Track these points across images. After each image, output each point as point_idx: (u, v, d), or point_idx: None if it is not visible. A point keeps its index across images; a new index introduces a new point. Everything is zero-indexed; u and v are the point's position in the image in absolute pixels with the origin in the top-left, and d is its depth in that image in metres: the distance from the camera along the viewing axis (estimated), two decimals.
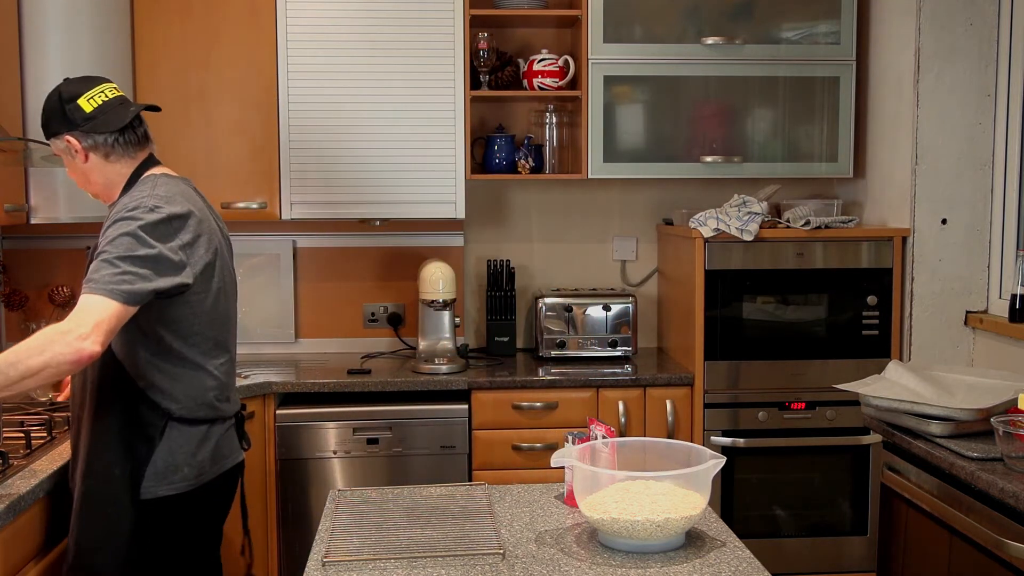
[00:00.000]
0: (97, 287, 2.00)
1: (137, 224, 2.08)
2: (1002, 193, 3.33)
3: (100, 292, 1.99)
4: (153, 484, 2.17)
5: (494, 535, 1.94)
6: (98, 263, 2.04)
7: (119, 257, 2.04)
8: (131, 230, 2.07)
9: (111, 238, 2.07)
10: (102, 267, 2.03)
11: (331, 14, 3.49)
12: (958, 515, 2.34)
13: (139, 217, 2.10)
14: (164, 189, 2.23)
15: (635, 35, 3.60)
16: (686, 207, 3.74)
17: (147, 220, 2.10)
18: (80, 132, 2.25)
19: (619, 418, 3.38)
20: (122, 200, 2.21)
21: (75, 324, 1.96)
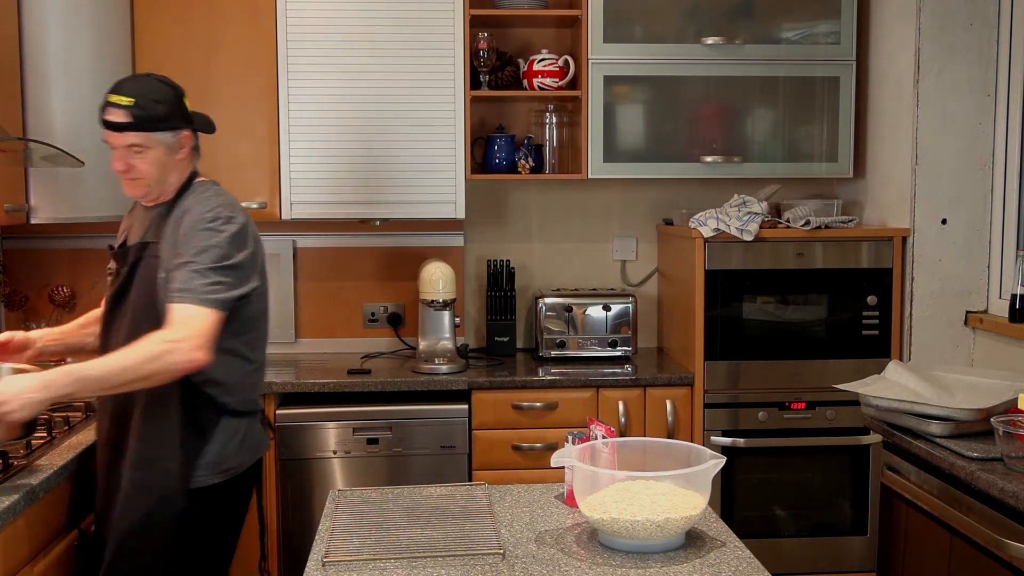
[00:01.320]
0: (195, 297, 2.15)
1: (222, 236, 2.23)
2: (1002, 193, 3.33)
3: (199, 302, 2.15)
4: (204, 474, 2.28)
5: (494, 535, 1.94)
6: (189, 273, 2.17)
7: (209, 268, 2.18)
8: (217, 241, 2.22)
9: (199, 248, 2.19)
10: (194, 277, 2.16)
11: (331, 14, 3.49)
12: (958, 515, 2.34)
13: (221, 229, 2.24)
14: (225, 198, 2.36)
15: (635, 35, 3.60)
16: (686, 207, 3.74)
17: (228, 231, 2.24)
18: (192, 129, 2.36)
19: (619, 418, 3.38)
20: (186, 205, 2.30)
21: (186, 334, 2.11)
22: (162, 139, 2.28)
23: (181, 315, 2.14)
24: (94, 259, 3.77)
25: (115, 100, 2.24)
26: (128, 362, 2.08)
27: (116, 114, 2.24)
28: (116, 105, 2.24)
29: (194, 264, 2.18)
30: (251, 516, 2.49)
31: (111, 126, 2.25)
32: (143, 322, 2.21)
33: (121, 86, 2.28)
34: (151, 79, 2.32)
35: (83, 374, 2.06)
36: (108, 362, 2.09)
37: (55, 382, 2.02)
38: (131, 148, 2.26)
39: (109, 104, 2.25)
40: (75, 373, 2.05)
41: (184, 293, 2.15)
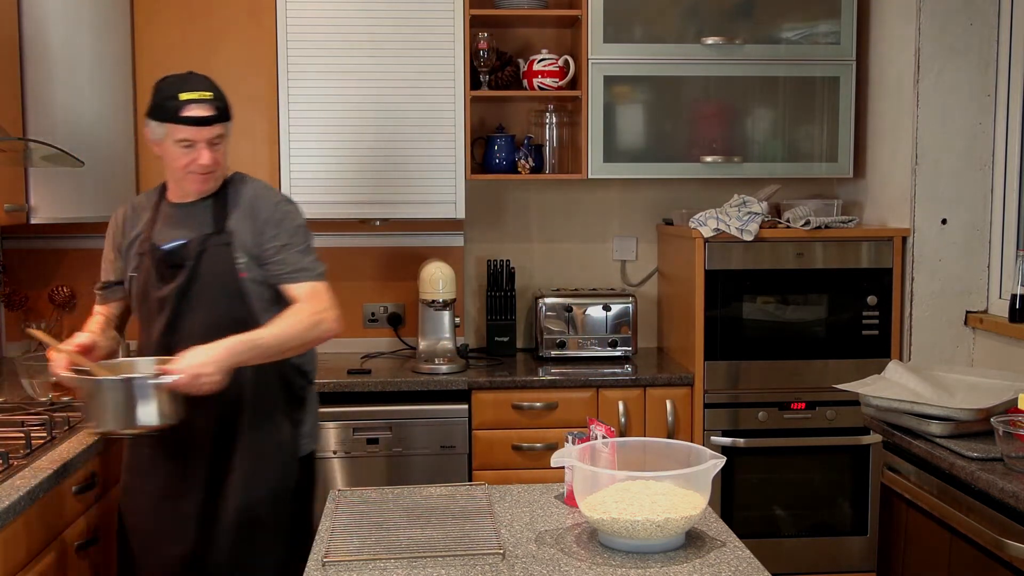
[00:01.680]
0: (311, 274, 2.39)
1: (300, 216, 2.45)
2: (1002, 193, 3.33)
3: (316, 278, 2.39)
4: (306, 442, 2.51)
5: (494, 535, 1.94)
6: (296, 254, 2.37)
7: (308, 246, 2.42)
8: (301, 222, 2.44)
9: (292, 230, 2.39)
10: (302, 256, 2.39)
11: (331, 14, 3.49)
12: (958, 515, 2.34)
13: (299, 210, 2.46)
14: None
15: (635, 35, 3.60)
16: (686, 207, 3.74)
17: (300, 211, 2.47)
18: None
19: (619, 418, 3.38)
20: (247, 192, 2.43)
21: (324, 306, 2.35)
22: (230, 126, 2.40)
23: (309, 291, 2.36)
24: (94, 259, 3.71)
25: (197, 96, 2.30)
26: (293, 330, 2.28)
27: (201, 108, 2.30)
28: (199, 101, 2.30)
29: (296, 245, 2.38)
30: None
31: (198, 121, 2.30)
32: (222, 308, 2.34)
33: (189, 82, 2.34)
34: (198, 75, 2.39)
35: (257, 342, 2.23)
36: (275, 331, 2.26)
37: (235, 348, 2.18)
38: (212, 140, 2.33)
39: (190, 101, 2.29)
40: (250, 341, 2.21)
41: (301, 272, 2.37)
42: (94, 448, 2.47)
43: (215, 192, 2.42)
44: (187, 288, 2.35)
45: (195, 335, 2.28)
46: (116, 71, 3.37)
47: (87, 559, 2.41)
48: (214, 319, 2.32)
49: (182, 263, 2.36)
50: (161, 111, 2.32)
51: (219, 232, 2.37)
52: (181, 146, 2.31)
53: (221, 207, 2.41)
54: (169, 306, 2.36)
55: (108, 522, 2.55)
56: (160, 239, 2.41)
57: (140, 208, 2.50)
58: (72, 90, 3.21)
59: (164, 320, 2.36)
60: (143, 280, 2.41)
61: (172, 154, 2.34)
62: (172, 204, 2.45)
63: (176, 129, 2.30)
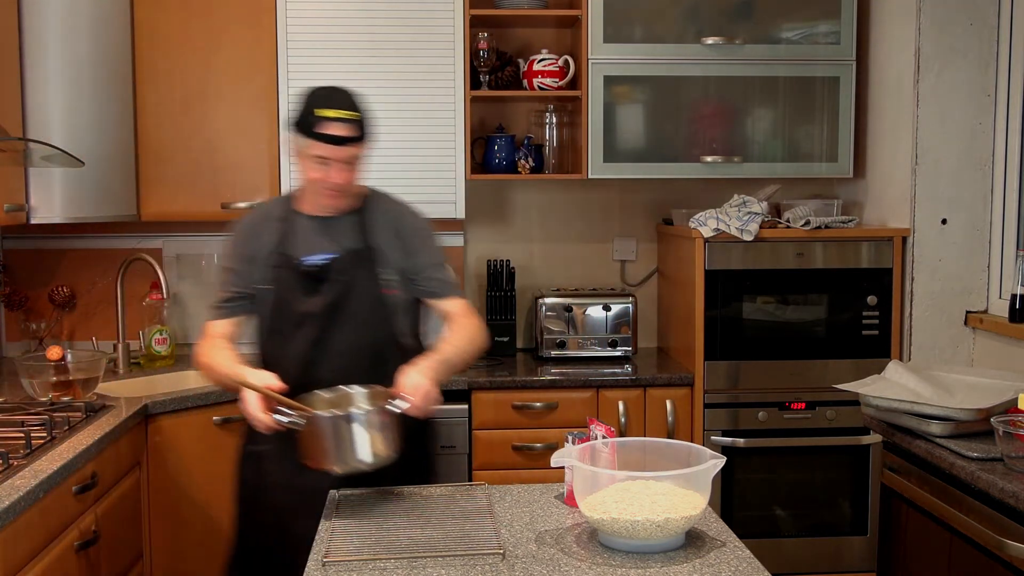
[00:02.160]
0: (458, 289, 2.49)
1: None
2: (1002, 193, 3.33)
3: (462, 295, 2.48)
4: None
5: (494, 535, 1.94)
6: (446, 271, 2.46)
7: (446, 262, 2.50)
8: (439, 241, 2.51)
9: (434, 247, 2.48)
10: (447, 272, 2.47)
11: (331, 14, 3.49)
12: (958, 515, 2.34)
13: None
14: None
15: (635, 35, 3.60)
16: (686, 207, 3.73)
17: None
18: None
19: (619, 418, 3.38)
20: (390, 209, 2.46)
21: (480, 320, 2.44)
22: (368, 148, 2.37)
23: (463, 306, 2.44)
24: (94, 259, 3.77)
25: (336, 115, 2.26)
26: (472, 346, 2.36)
27: (341, 128, 2.26)
28: (338, 120, 2.26)
29: (440, 261, 2.46)
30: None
31: (334, 140, 2.26)
32: (368, 325, 2.37)
33: (333, 99, 2.29)
34: (345, 91, 2.33)
35: (448, 359, 2.28)
36: (456, 348, 2.32)
37: (436, 368, 2.21)
38: (347, 160, 2.30)
39: (330, 119, 2.25)
40: (443, 360, 2.26)
41: (449, 288, 2.45)
42: (94, 448, 2.47)
43: (356, 207, 2.41)
44: (335, 304, 2.35)
45: (342, 352, 2.33)
46: (116, 71, 3.37)
47: (87, 559, 2.41)
48: (360, 336, 2.35)
49: (326, 278, 2.35)
50: (302, 125, 2.29)
51: (365, 248, 2.38)
52: (316, 161, 2.29)
53: (363, 223, 2.41)
54: (315, 322, 2.34)
55: (108, 522, 2.56)
56: (300, 252, 2.38)
57: (269, 217, 2.45)
58: (72, 90, 3.21)
59: (309, 336, 2.35)
60: (281, 294, 2.37)
61: (308, 167, 2.32)
62: (309, 217, 2.42)
63: (313, 145, 2.27)
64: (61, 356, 2.96)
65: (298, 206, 2.45)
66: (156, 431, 3.00)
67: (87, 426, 2.62)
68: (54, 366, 2.92)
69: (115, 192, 3.38)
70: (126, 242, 3.78)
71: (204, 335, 2.43)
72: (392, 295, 2.39)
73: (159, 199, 3.51)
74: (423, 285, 2.43)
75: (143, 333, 3.65)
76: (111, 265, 3.69)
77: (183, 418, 3.07)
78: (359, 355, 2.34)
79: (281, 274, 2.38)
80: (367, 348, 2.35)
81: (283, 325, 2.38)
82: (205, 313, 2.47)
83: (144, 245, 3.77)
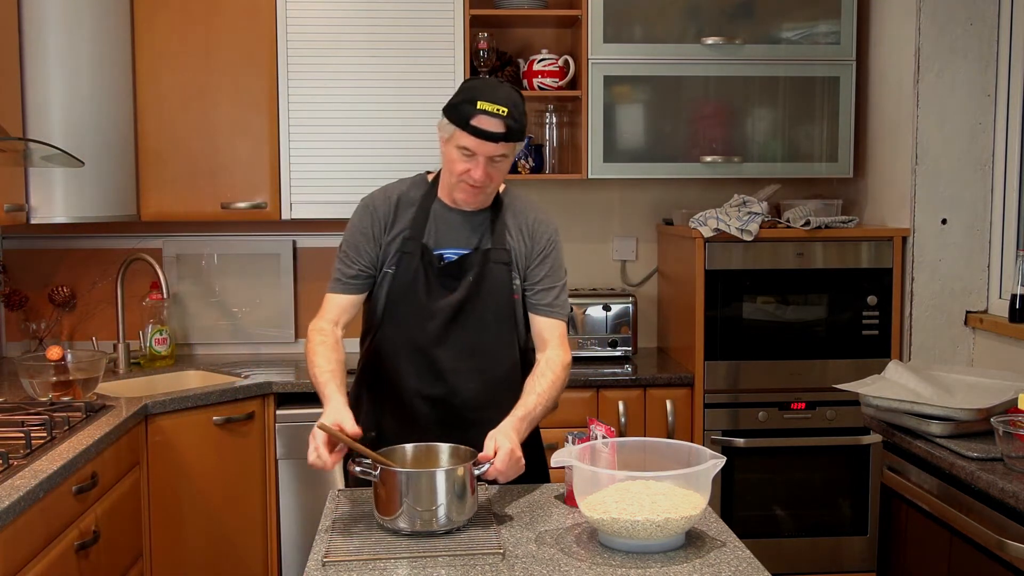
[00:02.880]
0: (565, 313, 2.35)
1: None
2: (1002, 193, 3.33)
3: (566, 318, 2.36)
4: None
5: (494, 535, 1.94)
6: (560, 289, 2.34)
7: (566, 284, 2.38)
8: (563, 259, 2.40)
9: (560, 264, 2.36)
10: (563, 292, 2.36)
11: (331, 14, 3.49)
12: (958, 515, 2.34)
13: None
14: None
15: (635, 35, 3.60)
16: (686, 207, 3.73)
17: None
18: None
19: (619, 418, 3.38)
20: (526, 211, 2.37)
21: (569, 353, 2.31)
22: (518, 147, 2.26)
23: (561, 333, 2.32)
24: (94, 259, 3.77)
25: (492, 109, 2.15)
26: (555, 393, 2.24)
27: (492, 123, 2.16)
28: (492, 114, 2.15)
29: (560, 279, 2.35)
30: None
31: (485, 135, 2.17)
32: (493, 328, 2.30)
33: (492, 92, 2.18)
34: (507, 86, 2.24)
35: (532, 416, 2.18)
36: (542, 400, 2.21)
37: (520, 428, 2.13)
38: (494, 157, 2.21)
39: (483, 112, 2.16)
40: (527, 418, 2.17)
41: (558, 310, 2.33)
42: (94, 448, 2.47)
43: (492, 205, 2.34)
44: (464, 302, 2.28)
45: (463, 351, 2.28)
46: (116, 71, 3.37)
47: (87, 559, 2.41)
48: (484, 338, 2.29)
49: (458, 275, 2.29)
50: (454, 112, 2.21)
51: (500, 248, 2.30)
52: (461, 152, 2.21)
53: (500, 220, 2.33)
54: (441, 317, 2.28)
55: (108, 522, 2.56)
56: (435, 243, 2.30)
57: (406, 202, 2.35)
58: (72, 90, 3.22)
59: (432, 330, 2.28)
60: (408, 282, 2.29)
61: (451, 156, 2.24)
62: (446, 207, 2.33)
63: (461, 135, 2.19)
64: (61, 356, 2.96)
65: (438, 193, 2.36)
66: (156, 431, 3.00)
67: (87, 426, 2.62)
68: (54, 366, 2.92)
69: (115, 192, 3.38)
70: (126, 242, 3.78)
71: (321, 310, 2.35)
72: (518, 300, 2.33)
73: (159, 199, 3.51)
74: (532, 298, 2.33)
75: (143, 333, 3.65)
76: (111, 265, 3.69)
77: (183, 418, 3.07)
78: (485, 359, 2.29)
79: (411, 262, 2.28)
80: (488, 352, 2.29)
81: (404, 315, 2.29)
82: (326, 285, 2.39)
83: (144, 245, 3.77)
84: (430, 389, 2.30)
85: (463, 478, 1.96)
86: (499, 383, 2.30)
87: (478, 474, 2.00)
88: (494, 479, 2.04)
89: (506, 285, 2.30)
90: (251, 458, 3.26)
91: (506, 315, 2.31)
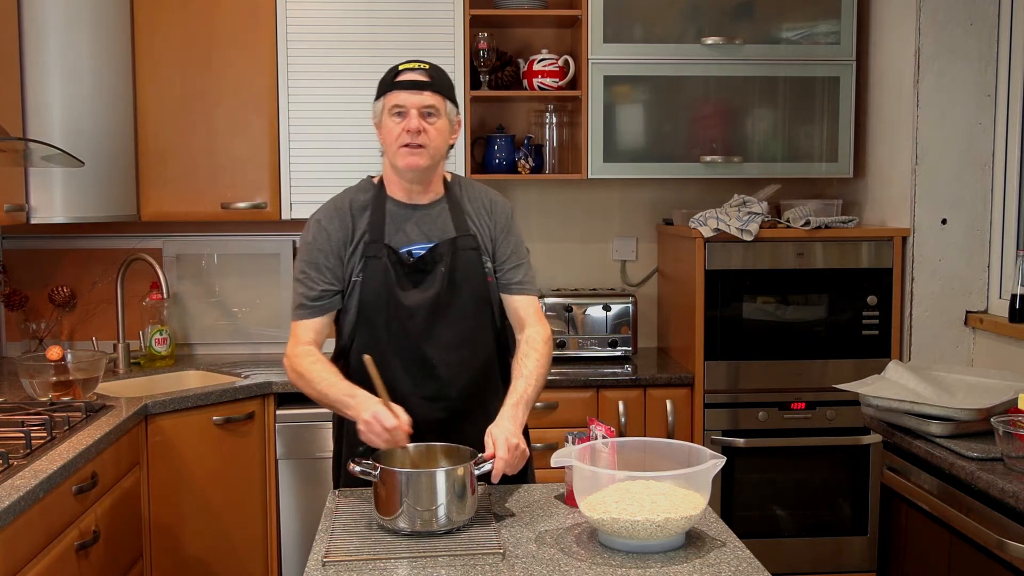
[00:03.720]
0: (535, 288, 2.39)
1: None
2: (1002, 193, 3.33)
3: (537, 292, 2.40)
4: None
5: (494, 535, 1.94)
6: (526, 264, 2.37)
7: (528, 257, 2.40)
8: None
9: (520, 239, 2.39)
10: (528, 267, 2.38)
11: (331, 14, 3.49)
12: (958, 515, 2.34)
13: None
14: None
15: (635, 35, 3.60)
16: (686, 207, 3.74)
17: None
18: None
19: (619, 418, 3.38)
20: (482, 195, 2.38)
21: (548, 326, 2.35)
22: (449, 110, 2.27)
23: (536, 307, 2.36)
24: (94, 259, 3.77)
25: (411, 65, 2.26)
26: (542, 371, 2.26)
27: (414, 75, 2.23)
28: (412, 69, 2.24)
29: (524, 255, 2.38)
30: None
31: (409, 85, 2.22)
32: (473, 317, 2.31)
33: (410, 61, 2.29)
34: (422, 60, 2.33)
35: (526, 400, 2.19)
36: (532, 381, 2.22)
37: (516, 416, 2.15)
38: (425, 111, 2.22)
39: (403, 70, 2.25)
40: (522, 402, 2.18)
41: (528, 285, 2.36)
42: (94, 448, 2.47)
43: (446, 193, 2.34)
44: (441, 294, 2.26)
45: (449, 344, 2.27)
46: (116, 71, 3.37)
47: (87, 559, 2.41)
48: (467, 328, 2.29)
49: (430, 268, 2.27)
50: (380, 86, 2.28)
51: (465, 235, 2.30)
52: (394, 115, 2.23)
53: (457, 207, 2.33)
54: (422, 313, 2.25)
55: (108, 522, 2.56)
56: (397, 242, 2.28)
57: (357, 207, 2.31)
58: (72, 90, 3.22)
59: (415, 328, 2.26)
60: (380, 285, 2.25)
61: (386, 129, 2.25)
62: (400, 204, 2.31)
63: (389, 97, 2.23)
64: (61, 356, 2.96)
65: (388, 192, 2.34)
66: (156, 431, 3.00)
67: (87, 426, 2.62)
68: (54, 366, 2.92)
69: (115, 192, 3.38)
70: (126, 242, 3.78)
71: (293, 336, 2.31)
72: (492, 283, 2.33)
73: (159, 199, 3.51)
74: (503, 277, 2.34)
75: (143, 333, 3.65)
76: (111, 265, 3.69)
77: (183, 418, 3.07)
78: (470, 348, 2.29)
79: (377, 265, 2.25)
80: (471, 342, 2.29)
81: (382, 319, 2.26)
82: (291, 313, 2.32)
83: (144, 245, 3.77)
84: (424, 387, 2.28)
85: (463, 478, 1.96)
86: (485, 368, 2.32)
87: (480, 474, 2.00)
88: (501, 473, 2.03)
89: (479, 270, 2.31)
90: (251, 458, 3.26)
91: (483, 301, 2.33)
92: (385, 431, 2.04)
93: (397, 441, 2.06)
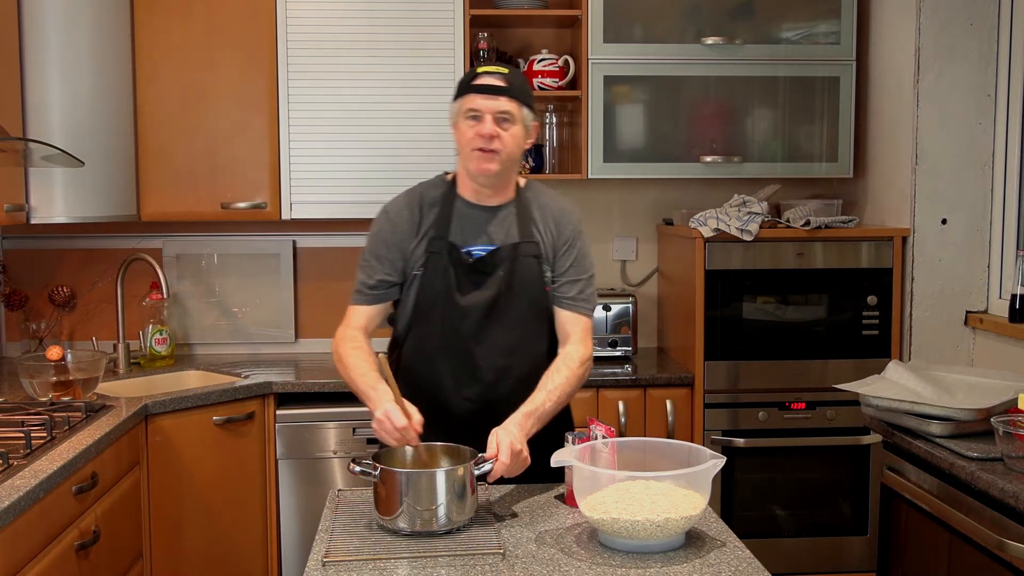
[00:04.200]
0: (591, 309, 2.34)
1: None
2: (1002, 193, 3.33)
3: (592, 314, 2.35)
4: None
5: (494, 535, 1.94)
6: (586, 282, 2.33)
7: (593, 277, 2.36)
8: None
9: (585, 256, 2.34)
10: (589, 286, 2.34)
11: (331, 14, 3.49)
12: (958, 515, 2.34)
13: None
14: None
15: (635, 35, 3.60)
16: (686, 207, 3.73)
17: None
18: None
19: (619, 418, 3.38)
20: (551, 203, 2.36)
21: (591, 350, 2.31)
22: (525, 116, 2.26)
23: (584, 329, 2.32)
24: (94, 259, 3.77)
25: (490, 69, 2.24)
26: (569, 389, 2.24)
27: (493, 79, 2.22)
28: (490, 73, 2.23)
29: (586, 273, 2.34)
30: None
31: (487, 89, 2.21)
32: (527, 322, 2.30)
33: (491, 64, 2.28)
34: (504, 63, 2.32)
35: (541, 413, 2.17)
36: (552, 396, 2.20)
37: (525, 425, 2.13)
38: (500, 116, 2.21)
39: (481, 73, 2.23)
40: (535, 414, 2.16)
41: (584, 304, 2.32)
42: (94, 448, 2.47)
43: (516, 198, 2.34)
44: (497, 298, 2.27)
45: (499, 348, 2.28)
46: (116, 71, 3.37)
47: (87, 559, 2.41)
48: (519, 335, 2.29)
49: (490, 270, 2.28)
50: (459, 89, 2.27)
51: (529, 241, 2.30)
52: (468, 117, 2.23)
53: (525, 213, 2.33)
54: (476, 315, 2.27)
55: (108, 522, 2.56)
56: (461, 241, 2.29)
57: (427, 202, 2.34)
58: (72, 90, 3.22)
59: (467, 329, 2.27)
60: (438, 282, 2.27)
61: (462, 131, 2.25)
62: (469, 204, 2.32)
63: (467, 99, 2.23)
64: (61, 356, 2.96)
65: (458, 191, 2.35)
66: (156, 431, 3.00)
67: (87, 426, 2.62)
68: (54, 366, 2.92)
69: (115, 192, 3.38)
70: (126, 242, 3.78)
71: (345, 319, 2.36)
72: (551, 293, 2.32)
73: (159, 199, 3.51)
74: (558, 291, 2.32)
75: (143, 333, 3.65)
76: (111, 265, 3.69)
77: (183, 418, 3.07)
78: (519, 355, 2.29)
79: (439, 261, 2.27)
80: (523, 348, 2.29)
81: (437, 316, 2.28)
82: (348, 297, 2.37)
83: (144, 245, 3.77)
84: (468, 388, 2.29)
85: (463, 478, 1.96)
86: (531, 378, 2.27)
87: (480, 473, 2.00)
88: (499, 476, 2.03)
89: (538, 278, 2.30)
90: (251, 458, 3.26)
91: (539, 308, 2.31)
92: (395, 429, 2.06)
93: (407, 440, 2.07)
